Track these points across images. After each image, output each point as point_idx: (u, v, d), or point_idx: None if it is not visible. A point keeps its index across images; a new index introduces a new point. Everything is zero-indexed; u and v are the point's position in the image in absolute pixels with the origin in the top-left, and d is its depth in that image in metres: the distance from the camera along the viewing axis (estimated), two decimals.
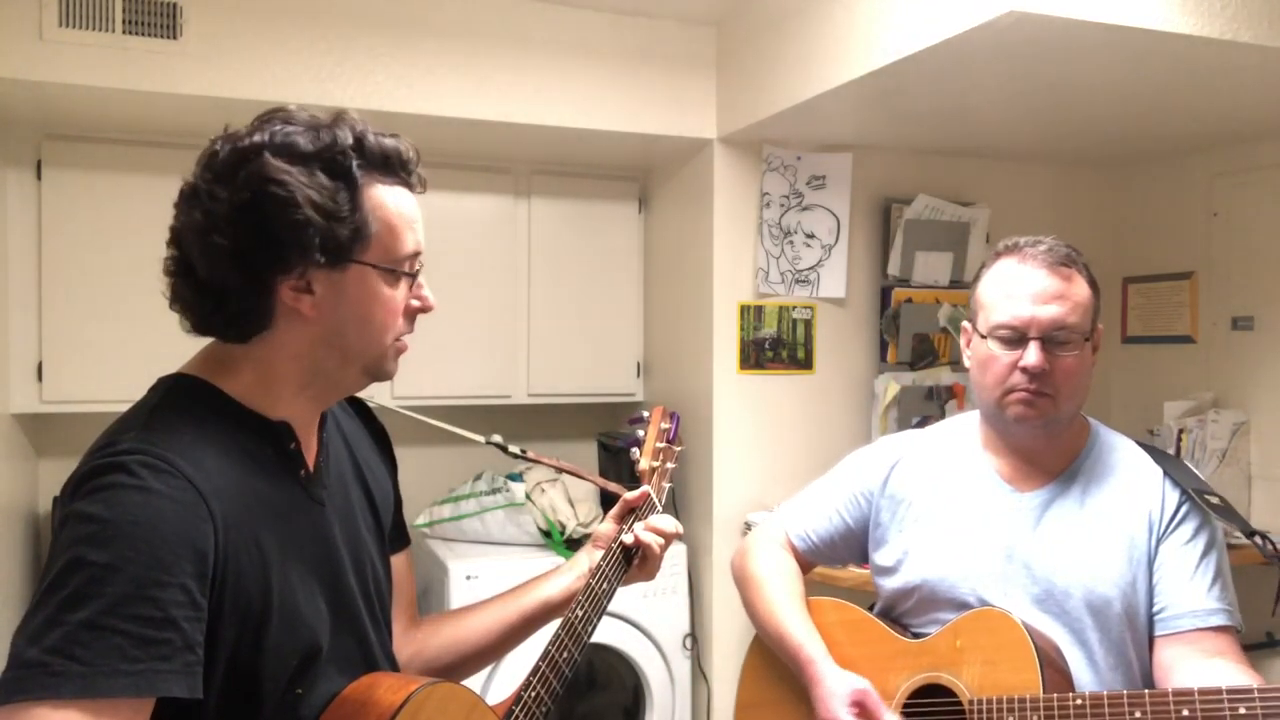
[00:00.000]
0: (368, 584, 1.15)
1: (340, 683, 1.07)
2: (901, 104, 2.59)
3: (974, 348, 1.51)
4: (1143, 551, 1.43)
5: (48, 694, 0.82)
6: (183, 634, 0.89)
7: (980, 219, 3.25)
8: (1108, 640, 1.42)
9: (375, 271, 1.04)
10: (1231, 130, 2.93)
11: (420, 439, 3.27)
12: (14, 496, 2.73)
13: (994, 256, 1.52)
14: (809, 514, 1.70)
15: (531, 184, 3.23)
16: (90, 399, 2.66)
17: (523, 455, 1.54)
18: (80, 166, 2.72)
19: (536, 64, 2.74)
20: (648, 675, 2.83)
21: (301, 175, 0.99)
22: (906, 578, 1.55)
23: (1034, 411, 1.43)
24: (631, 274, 3.37)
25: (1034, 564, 1.45)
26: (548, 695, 1.18)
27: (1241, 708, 1.16)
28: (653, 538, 1.33)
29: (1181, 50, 2.10)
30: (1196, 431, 3.02)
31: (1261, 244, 3.03)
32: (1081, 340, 1.43)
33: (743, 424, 2.95)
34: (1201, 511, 1.45)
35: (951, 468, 1.57)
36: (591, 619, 1.25)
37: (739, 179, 2.95)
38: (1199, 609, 1.39)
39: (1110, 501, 1.46)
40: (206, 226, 0.98)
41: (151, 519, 0.89)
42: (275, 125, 1.02)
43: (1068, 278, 1.44)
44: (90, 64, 2.35)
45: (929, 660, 1.46)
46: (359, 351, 1.06)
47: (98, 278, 2.70)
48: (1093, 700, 1.27)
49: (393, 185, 1.06)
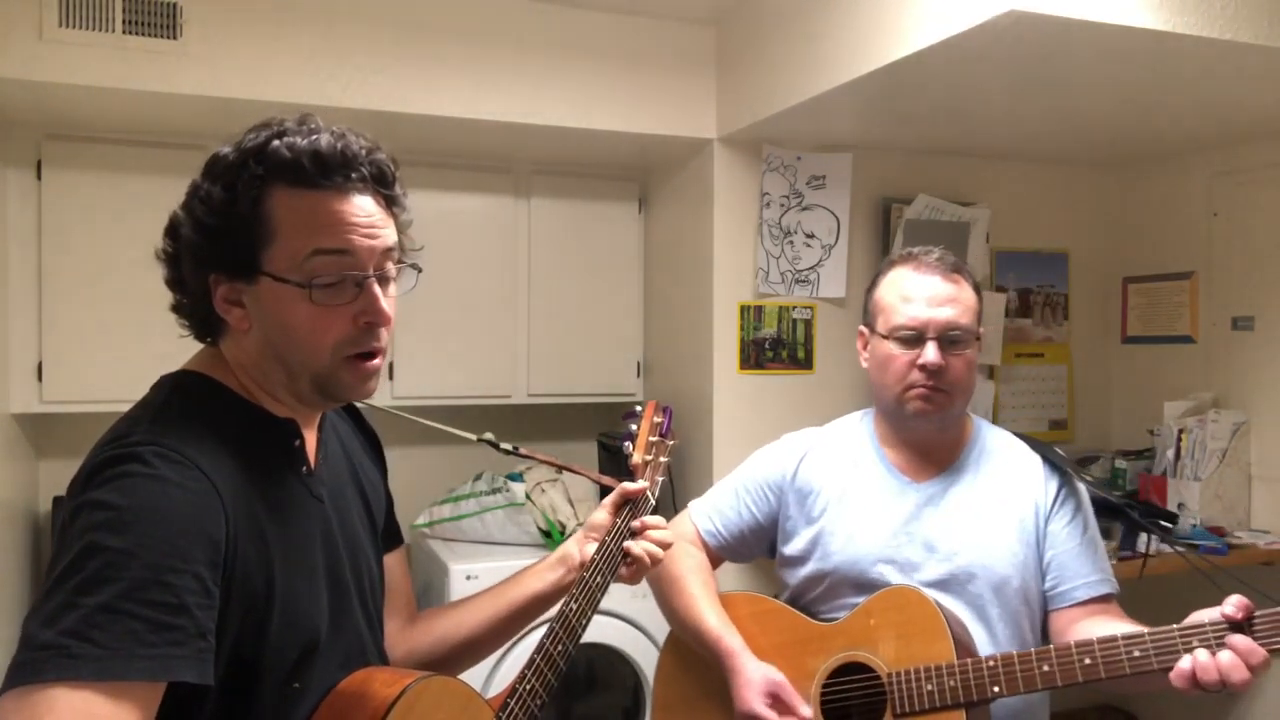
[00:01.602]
0: (363, 580, 1.16)
1: (336, 677, 1.07)
2: (901, 104, 2.59)
3: (872, 349, 1.63)
4: (1031, 532, 1.56)
5: (66, 675, 0.82)
6: (195, 621, 0.89)
7: (980, 219, 3.25)
8: (1006, 615, 1.53)
9: (282, 282, 0.99)
10: (1231, 130, 2.93)
11: (420, 439, 3.28)
12: (14, 496, 2.73)
13: (888, 265, 1.64)
14: (718, 511, 1.76)
15: (531, 184, 3.23)
16: (90, 399, 2.66)
17: (515, 452, 1.56)
18: (80, 166, 2.72)
19: (536, 64, 2.74)
20: (648, 675, 2.82)
21: (204, 189, 1.01)
22: (818, 565, 1.61)
23: (932, 406, 1.54)
24: (631, 274, 3.37)
25: (936, 546, 1.56)
26: (543, 688, 1.18)
27: (1135, 650, 1.28)
28: (654, 550, 1.33)
29: (1181, 50, 2.10)
30: (1196, 431, 3.02)
31: (1261, 244, 3.03)
32: (972, 340, 1.56)
33: (743, 424, 2.94)
34: (1077, 493, 1.60)
35: (852, 461, 1.67)
36: (586, 612, 1.25)
37: (739, 179, 2.95)
38: (1090, 579, 1.54)
39: (999, 488, 1.59)
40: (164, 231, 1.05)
41: (167, 507, 0.90)
42: (240, 135, 1.03)
43: (958, 283, 1.57)
44: (90, 64, 2.35)
45: (844, 641, 1.52)
46: (299, 365, 1.03)
47: (98, 278, 2.70)
48: (1004, 659, 1.38)
49: (306, 190, 1.00)
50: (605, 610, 2.79)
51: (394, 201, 1.07)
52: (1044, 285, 3.47)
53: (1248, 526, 3.02)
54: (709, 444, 2.93)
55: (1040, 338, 3.46)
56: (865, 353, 1.65)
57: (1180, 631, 1.26)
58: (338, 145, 1.01)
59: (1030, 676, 1.35)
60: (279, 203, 0.99)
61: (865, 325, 1.65)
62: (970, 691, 1.38)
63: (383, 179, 1.05)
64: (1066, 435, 3.44)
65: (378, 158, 1.05)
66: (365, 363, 1.05)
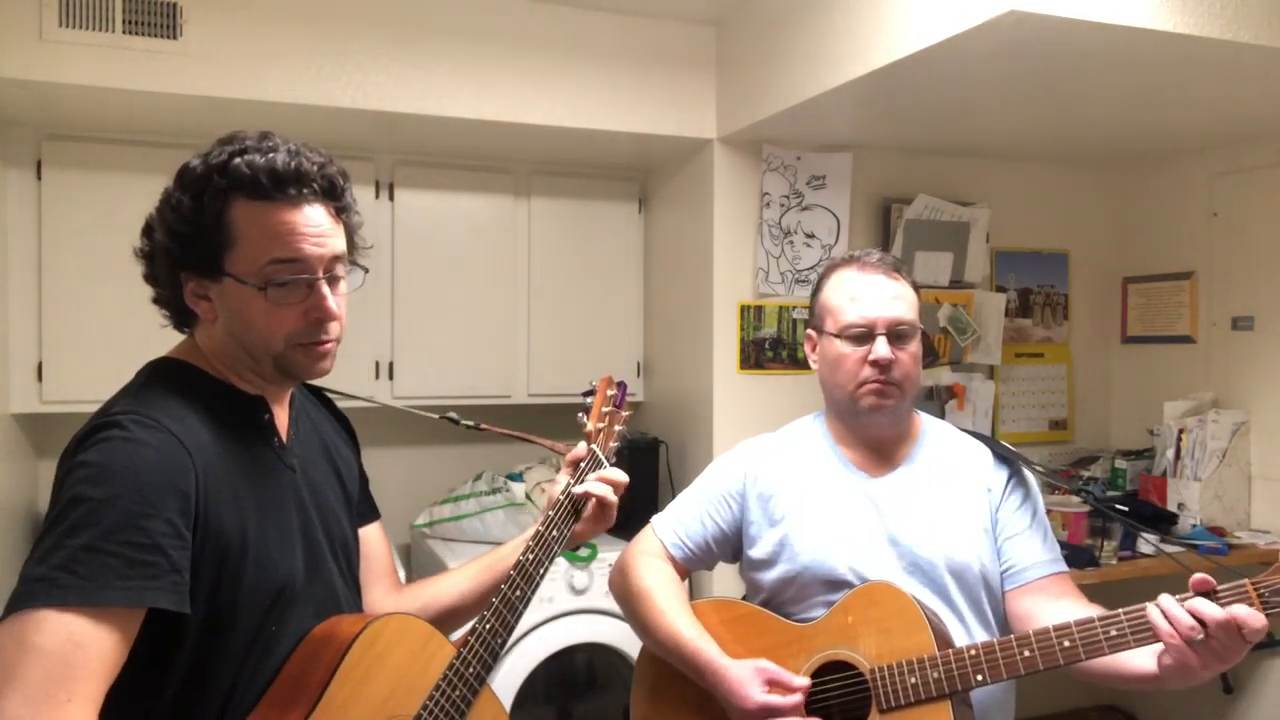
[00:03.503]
0: (335, 543, 1.29)
1: (311, 624, 1.21)
2: (901, 104, 2.60)
3: (821, 350, 1.68)
4: (987, 519, 1.61)
5: (53, 601, 0.98)
6: (169, 559, 1.04)
7: (980, 219, 3.25)
8: (970, 600, 1.57)
9: (242, 284, 1.14)
10: (1231, 130, 2.94)
11: (421, 439, 3.28)
12: (14, 496, 2.73)
13: (831, 269, 1.69)
14: (681, 523, 1.76)
15: (531, 184, 3.23)
16: (90, 399, 2.60)
17: (475, 427, 1.67)
18: (80, 166, 2.72)
19: (536, 64, 2.74)
20: None
21: (175, 197, 1.15)
22: (787, 567, 1.62)
23: (886, 400, 1.59)
24: (631, 274, 3.37)
25: (899, 539, 1.59)
26: (502, 627, 1.30)
27: (1112, 629, 1.32)
28: (601, 487, 1.43)
29: (1181, 50, 2.10)
30: (1196, 431, 3.02)
31: (1261, 244, 3.04)
32: (916, 333, 1.62)
33: (743, 424, 2.94)
34: (1025, 480, 1.66)
35: (808, 462, 1.70)
36: (541, 561, 1.36)
37: (739, 179, 2.95)
38: (1042, 559, 1.59)
39: (952, 479, 1.64)
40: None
41: (140, 464, 1.05)
42: (208, 149, 1.17)
43: (900, 281, 1.62)
44: (90, 64, 2.35)
45: (824, 640, 1.53)
46: (259, 350, 1.17)
47: (98, 278, 2.70)
48: (985, 648, 1.40)
49: (263, 202, 1.13)
50: (604, 610, 2.80)
51: (343, 210, 1.22)
52: (1044, 285, 3.47)
53: (1248, 526, 3.02)
54: (709, 443, 2.93)
55: (1040, 338, 3.46)
56: (815, 355, 1.71)
57: (1154, 606, 1.30)
58: (291, 163, 1.14)
59: (1012, 662, 1.37)
60: (239, 213, 1.13)
61: (813, 328, 1.70)
62: (954, 681, 1.40)
63: (333, 191, 1.19)
64: (1066, 435, 3.44)
65: (329, 172, 1.18)
66: (316, 347, 1.19)
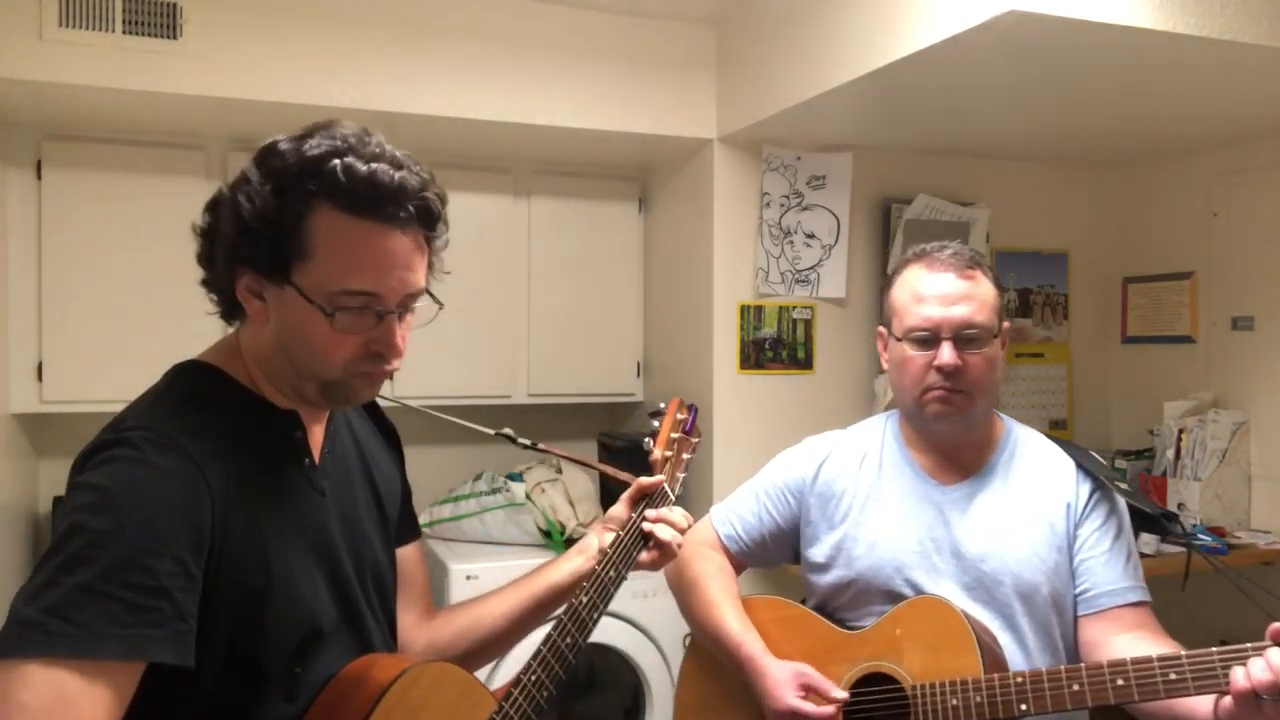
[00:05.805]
0: (365, 574, 1.16)
1: (339, 665, 1.09)
2: (901, 104, 2.59)
3: (890, 352, 1.58)
4: (1063, 537, 1.51)
5: (41, 652, 0.85)
6: (174, 603, 0.91)
7: (980, 219, 3.25)
8: (1036, 624, 1.48)
9: (307, 299, 1.01)
10: (1231, 130, 2.93)
11: (421, 439, 3.27)
12: (14, 496, 2.73)
13: (903, 264, 1.58)
14: (739, 516, 1.72)
15: (531, 184, 3.23)
16: (90, 399, 2.66)
17: (533, 447, 1.54)
18: (80, 166, 2.72)
19: (536, 64, 2.74)
20: (648, 675, 2.82)
21: (257, 185, 1.00)
22: (842, 572, 1.58)
23: (951, 408, 1.50)
24: (631, 274, 3.37)
25: (963, 553, 1.51)
26: (549, 680, 1.17)
27: (1171, 673, 1.21)
28: (666, 531, 1.31)
29: (1181, 50, 2.10)
30: (1196, 431, 3.02)
31: (1261, 244, 3.03)
32: (990, 338, 1.50)
33: (743, 424, 2.94)
34: (1111, 498, 1.54)
35: (877, 464, 1.62)
36: (597, 605, 1.23)
37: (739, 179, 2.95)
38: (1118, 587, 1.48)
39: (1029, 492, 1.54)
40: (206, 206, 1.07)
41: (150, 490, 0.93)
42: (303, 133, 1.03)
43: (974, 279, 1.51)
44: (90, 64, 2.35)
45: (869, 650, 1.48)
46: (308, 369, 1.04)
47: (98, 278, 2.70)
48: (1032, 677, 1.32)
49: (354, 218, 1.00)
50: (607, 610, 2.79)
51: (432, 240, 1.09)
52: (1044, 285, 3.47)
53: (1248, 526, 3.01)
54: (709, 443, 2.93)
55: (1040, 338, 3.46)
56: (885, 355, 1.61)
57: (1220, 654, 1.19)
58: (396, 176, 1.01)
59: (1059, 695, 1.29)
60: (323, 223, 1.00)
61: (882, 326, 1.61)
62: (996, 708, 1.33)
63: (428, 218, 1.06)
64: (1066, 435, 3.44)
65: (428, 195, 1.05)
66: (371, 376, 1.07)
